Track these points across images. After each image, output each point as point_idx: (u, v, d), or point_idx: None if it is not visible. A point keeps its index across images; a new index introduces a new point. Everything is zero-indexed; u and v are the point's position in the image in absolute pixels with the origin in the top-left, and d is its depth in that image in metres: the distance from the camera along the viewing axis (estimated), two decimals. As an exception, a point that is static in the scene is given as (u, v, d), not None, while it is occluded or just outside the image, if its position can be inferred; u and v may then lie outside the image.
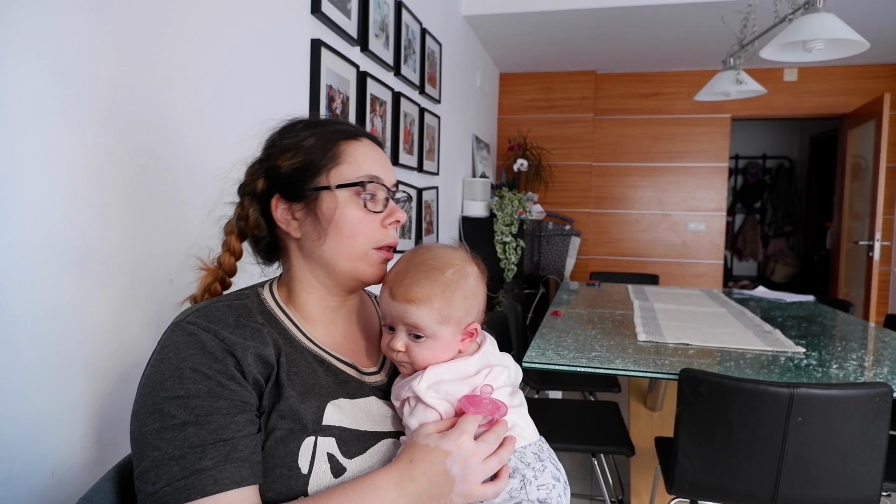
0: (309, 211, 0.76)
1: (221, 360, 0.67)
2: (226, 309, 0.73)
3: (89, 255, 1.00)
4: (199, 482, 0.61)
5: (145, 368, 0.69)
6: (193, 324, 0.69)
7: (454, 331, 0.75)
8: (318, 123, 0.81)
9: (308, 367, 0.74)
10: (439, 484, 0.66)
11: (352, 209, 0.76)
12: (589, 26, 3.72)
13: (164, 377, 0.66)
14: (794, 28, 2.00)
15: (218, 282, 0.82)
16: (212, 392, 0.65)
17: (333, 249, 0.76)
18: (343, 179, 0.76)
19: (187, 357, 0.66)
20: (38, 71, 0.91)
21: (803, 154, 7.01)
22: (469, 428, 0.68)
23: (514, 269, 3.66)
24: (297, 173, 0.76)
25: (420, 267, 0.75)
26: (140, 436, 0.64)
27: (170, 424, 0.63)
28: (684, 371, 1.36)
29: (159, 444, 0.63)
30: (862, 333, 2.08)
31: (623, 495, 2.29)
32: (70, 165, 0.96)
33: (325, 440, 0.69)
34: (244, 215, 0.79)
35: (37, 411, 0.91)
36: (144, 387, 0.67)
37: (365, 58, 2.20)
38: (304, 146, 0.77)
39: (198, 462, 0.62)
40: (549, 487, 0.73)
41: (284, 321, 0.77)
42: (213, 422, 0.64)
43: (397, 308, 0.74)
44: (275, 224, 0.79)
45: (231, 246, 0.81)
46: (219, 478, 0.62)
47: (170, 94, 1.20)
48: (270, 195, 0.78)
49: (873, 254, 3.87)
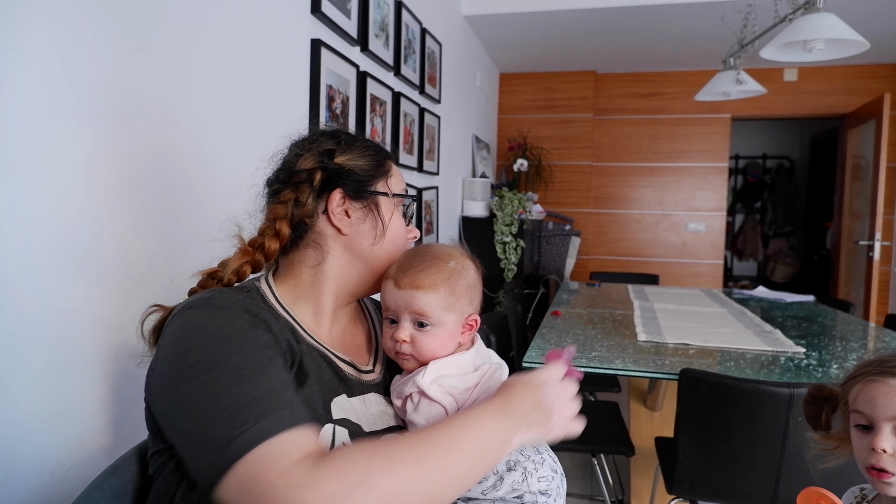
0: (369, 211, 0.81)
1: (259, 327, 0.67)
2: (236, 296, 0.72)
3: (90, 254, 1.00)
4: (291, 414, 0.59)
5: (159, 351, 0.67)
6: (213, 302, 0.68)
7: (457, 319, 0.78)
8: (365, 139, 0.87)
9: (314, 362, 0.75)
10: (539, 410, 0.68)
11: (399, 218, 0.85)
12: (589, 26, 3.72)
13: (206, 339, 0.63)
14: (794, 28, 2.00)
15: (251, 265, 0.78)
16: (262, 351, 0.64)
17: (384, 251, 0.81)
18: (396, 190, 0.85)
19: (225, 323, 0.65)
20: (40, 71, 0.91)
21: (803, 154, 7.01)
22: (556, 370, 0.73)
23: (514, 269, 3.66)
24: (364, 174, 0.81)
25: (423, 258, 0.78)
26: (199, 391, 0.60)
27: (238, 374, 0.60)
28: (684, 371, 1.36)
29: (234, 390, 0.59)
30: (862, 333, 2.07)
31: (623, 495, 2.29)
32: (72, 165, 0.96)
33: (340, 430, 0.71)
34: (302, 202, 0.78)
35: (37, 411, 0.91)
36: (174, 359, 0.64)
37: (365, 58, 2.20)
38: (365, 153, 0.82)
39: (285, 395, 0.61)
40: (549, 479, 0.76)
41: (286, 318, 0.77)
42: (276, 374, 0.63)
43: (403, 296, 0.75)
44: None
45: (280, 231, 0.77)
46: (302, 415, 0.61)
47: (170, 95, 1.20)
48: (330, 189, 0.79)
49: (873, 254, 3.86)
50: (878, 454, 0.71)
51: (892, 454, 0.71)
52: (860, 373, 0.76)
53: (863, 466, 0.74)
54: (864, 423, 0.74)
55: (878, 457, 0.71)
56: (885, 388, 0.71)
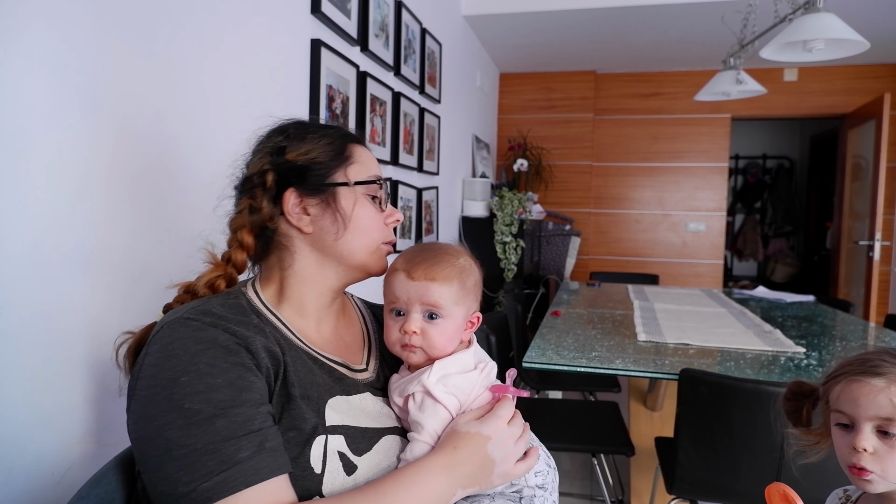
0: (327, 206, 0.78)
1: (236, 353, 0.66)
2: (221, 307, 0.71)
3: (90, 255, 1.00)
4: (241, 473, 0.60)
5: (142, 370, 0.66)
6: (196, 319, 0.67)
7: (465, 315, 0.79)
8: (322, 125, 0.83)
9: (304, 366, 0.74)
10: (482, 467, 0.71)
11: (366, 206, 0.80)
12: (589, 26, 3.72)
13: (176, 374, 0.63)
14: (794, 28, 2.00)
15: (224, 279, 0.78)
16: (233, 384, 0.64)
17: (352, 244, 0.79)
18: (358, 178, 0.80)
19: (199, 352, 0.65)
20: (42, 72, 0.91)
21: (803, 154, 7.01)
22: (505, 414, 0.75)
23: (514, 269, 3.66)
24: (316, 168, 0.78)
25: (435, 253, 0.79)
26: (159, 437, 0.61)
27: (195, 420, 0.61)
28: (684, 371, 1.36)
29: (186, 442, 0.60)
30: (862, 333, 2.07)
31: (623, 495, 2.29)
32: (72, 166, 0.96)
33: (334, 438, 0.70)
34: (258, 207, 0.77)
35: (37, 411, 0.91)
36: (151, 387, 0.64)
37: (365, 58, 2.20)
38: (319, 144, 0.79)
39: (235, 454, 0.60)
40: (544, 474, 0.80)
41: (275, 322, 0.76)
42: (242, 414, 0.63)
43: (417, 287, 0.76)
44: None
45: (243, 241, 0.77)
46: (258, 467, 0.61)
47: (171, 95, 1.20)
48: (283, 189, 0.77)
49: (873, 254, 3.86)
50: (859, 453, 0.72)
51: (872, 453, 0.72)
52: (842, 372, 0.77)
53: (844, 465, 0.76)
54: (845, 422, 0.75)
55: (859, 456, 0.72)
56: (867, 388, 0.72)
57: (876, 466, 0.72)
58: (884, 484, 0.72)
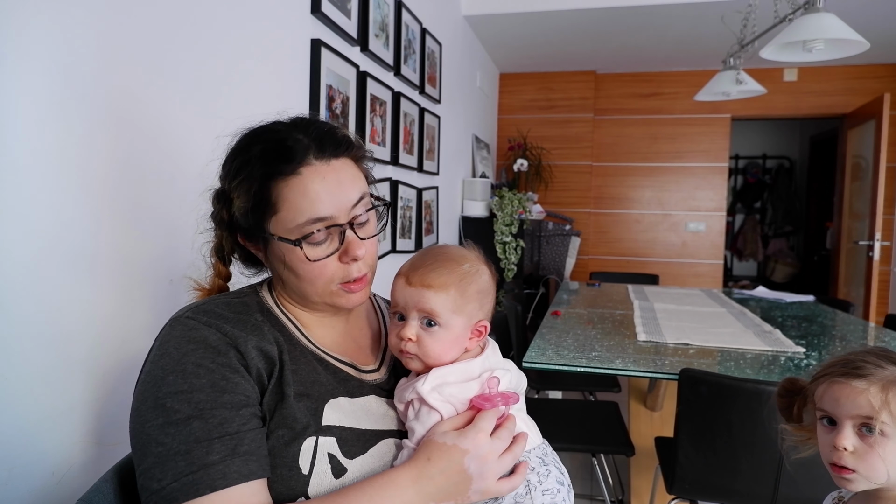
0: (268, 252, 0.76)
1: (224, 353, 0.67)
2: (224, 306, 0.72)
3: (90, 255, 1.00)
4: (208, 477, 0.61)
5: (144, 365, 0.69)
6: (193, 318, 0.69)
7: (465, 324, 0.75)
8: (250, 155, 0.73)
9: (308, 366, 0.74)
10: (457, 482, 0.66)
11: (299, 256, 0.72)
12: (589, 26, 3.72)
13: (165, 372, 0.65)
14: (794, 28, 2.00)
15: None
16: (215, 386, 0.65)
17: (299, 288, 0.75)
18: (282, 230, 0.71)
19: (189, 352, 0.66)
20: (41, 72, 0.91)
21: (803, 154, 7.01)
22: (486, 426, 0.69)
23: (514, 269, 3.66)
24: (247, 217, 0.73)
25: (438, 258, 0.77)
26: (142, 432, 0.64)
27: (173, 419, 0.62)
28: (684, 371, 1.36)
29: (163, 440, 0.62)
30: (862, 333, 2.08)
31: (623, 495, 2.29)
32: (72, 166, 0.96)
33: (325, 440, 0.69)
34: (220, 245, 0.80)
35: (37, 411, 0.91)
36: (144, 383, 0.67)
37: (365, 58, 2.20)
38: (242, 187, 0.72)
39: (204, 457, 0.61)
40: (553, 492, 0.73)
41: (283, 320, 0.77)
42: (218, 416, 0.63)
43: (413, 294, 0.74)
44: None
45: (217, 268, 0.81)
46: (227, 472, 0.61)
47: (171, 95, 1.20)
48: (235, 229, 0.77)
49: (873, 254, 3.87)
50: (840, 452, 0.73)
51: (853, 452, 0.73)
52: (826, 372, 0.79)
53: (826, 462, 0.77)
54: (827, 420, 0.77)
55: (839, 454, 0.74)
56: (848, 389, 0.74)
57: (856, 465, 0.73)
58: (864, 482, 0.73)
